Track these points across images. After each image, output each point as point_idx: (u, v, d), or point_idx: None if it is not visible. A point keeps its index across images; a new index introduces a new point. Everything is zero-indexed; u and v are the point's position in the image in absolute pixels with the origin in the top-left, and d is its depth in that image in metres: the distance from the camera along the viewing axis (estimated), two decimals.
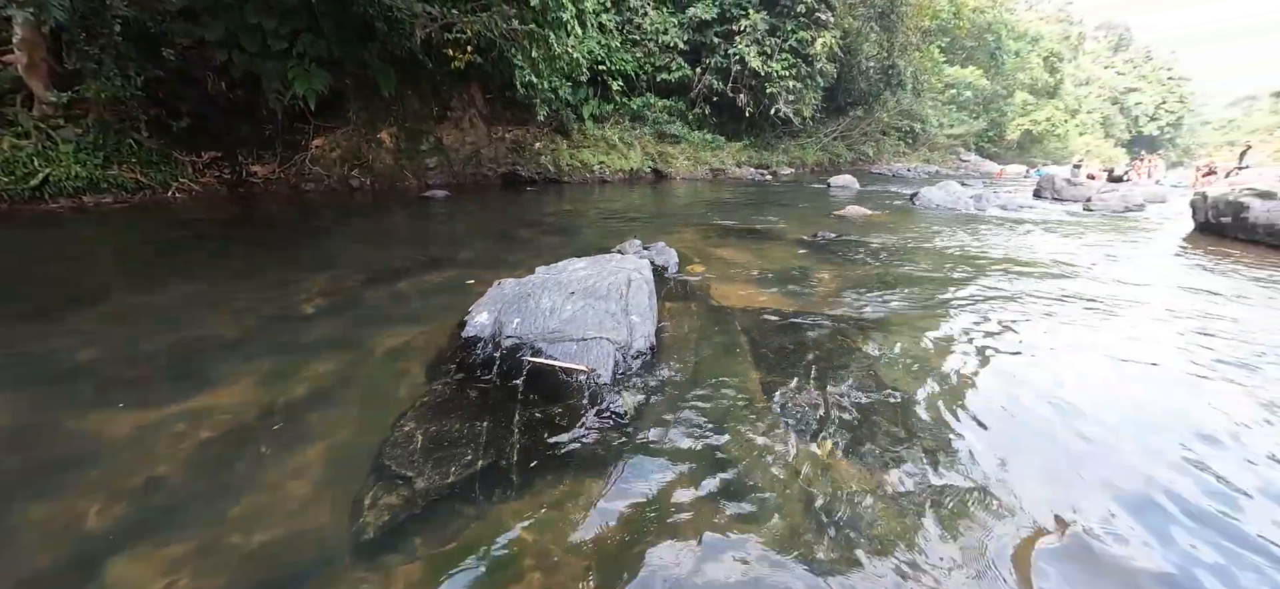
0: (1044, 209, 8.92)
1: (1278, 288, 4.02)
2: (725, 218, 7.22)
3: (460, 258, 4.53)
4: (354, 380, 2.19)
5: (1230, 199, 6.01)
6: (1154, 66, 67.18)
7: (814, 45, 15.57)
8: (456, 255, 4.64)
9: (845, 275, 4.08)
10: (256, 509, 1.43)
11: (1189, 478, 1.66)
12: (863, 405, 2.01)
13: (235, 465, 1.61)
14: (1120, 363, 2.51)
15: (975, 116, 31.27)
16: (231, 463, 1.63)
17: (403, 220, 6.76)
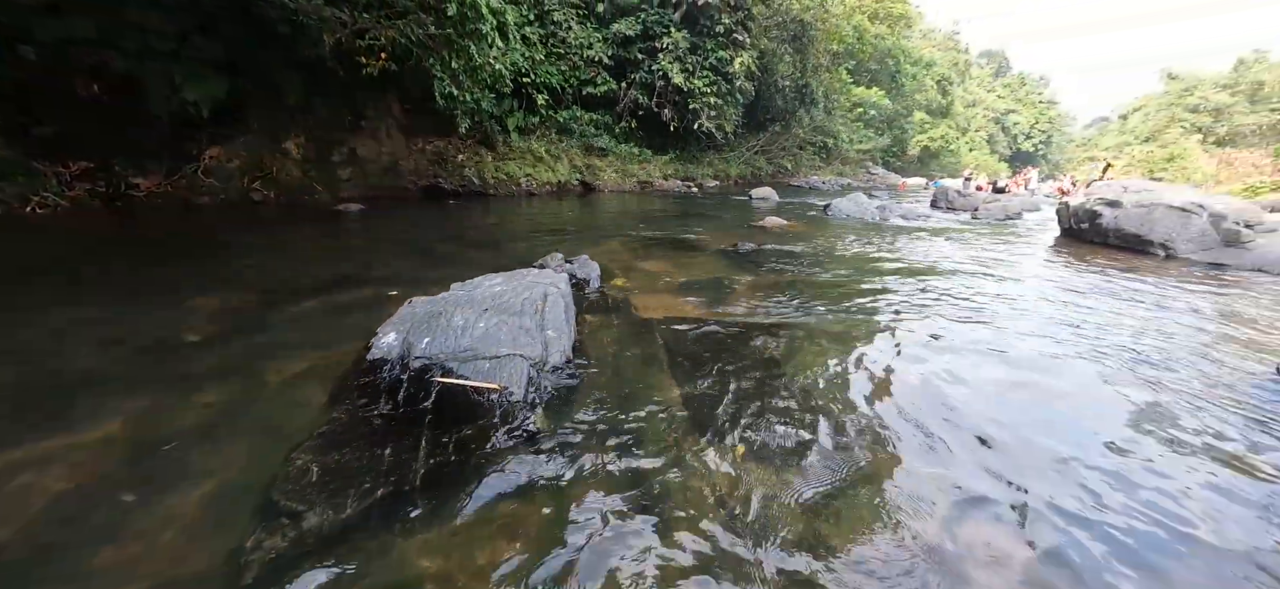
0: (939, 218, 9.80)
1: (1123, 283, 4.65)
2: (651, 230, 7.35)
3: (374, 275, 4.31)
4: (243, 413, 2.02)
5: (1087, 208, 6.88)
6: (1028, 91, 75.81)
7: (733, 64, 16.26)
8: (369, 273, 4.41)
9: (763, 283, 4.27)
10: (116, 566, 1.28)
11: (1071, 467, 1.87)
12: (774, 408, 2.11)
13: (92, 517, 1.44)
14: (1002, 354, 2.79)
15: (880, 133, 33.86)
16: (88, 515, 1.45)
17: (311, 236, 6.33)
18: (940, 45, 63.53)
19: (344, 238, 6.31)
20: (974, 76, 70.90)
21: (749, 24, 16.69)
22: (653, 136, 18.14)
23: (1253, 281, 4.94)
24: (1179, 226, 5.86)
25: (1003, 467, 1.77)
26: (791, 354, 2.72)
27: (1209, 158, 32.74)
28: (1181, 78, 53.92)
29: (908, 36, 43.11)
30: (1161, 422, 2.12)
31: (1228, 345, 3.07)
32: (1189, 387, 2.46)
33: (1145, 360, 2.77)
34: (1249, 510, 1.60)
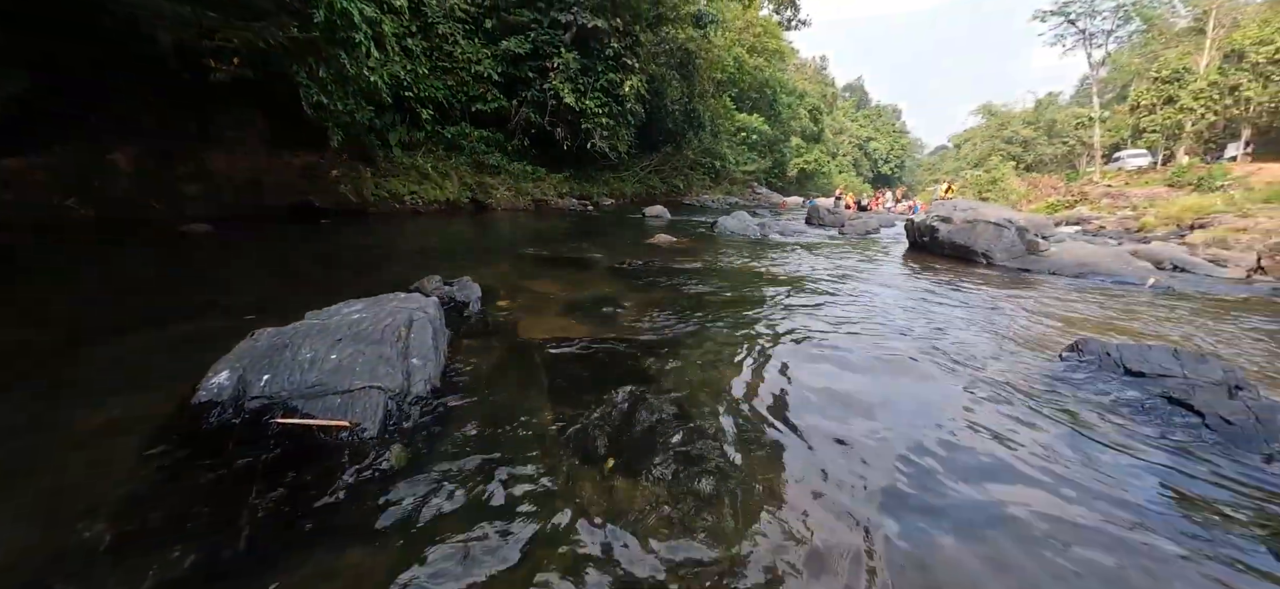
0: (812, 233, 10.73)
1: (955, 287, 5.37)
2: (543, 248, 7.26)
3: (218, 305, 3.79)
4: (28, 477, 1.67)
5: (928, 225, 7.89)
6: (884, 120, 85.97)
7: (623, 87, 16.71)
8: (213, 302, 3.88)
9: (650, 300, 4.37)
10: None
11: (913, 455, 2.08)
12: (652, 423, 2.14)
13: None
14: (859, 357, 3.08)
15: (763, 156, 36.55)
16: None
17: (143, 261, 5.46)
18: (811, 78, 70.21)
19: (186, 263, 5.52)
20: (840, 107, 79.06)
21: (637, 50, 17.27)
22: (547, 155, 18.04)
23: (1047, 282, 5.96)
24: (995, 239, 6.94)
25: (855, 462, 1.95)
26: (672, 368, 2.80)
27: (1021, 180, 39.01)
28: (997, 113, 64.23)
29: (783, 69, 47.19)
30: (979, 404, 2.45)
31: (1028, 334, 3.65)
32: (1000, 371, 2.88)
33: (969, 352, 3.21)
34: (1033, 468, 1.90)
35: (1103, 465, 1.95)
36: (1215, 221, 14.46)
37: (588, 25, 16.54)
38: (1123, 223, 18.16)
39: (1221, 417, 2.15)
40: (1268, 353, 3.50)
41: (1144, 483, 1.85)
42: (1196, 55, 35.27)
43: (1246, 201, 19.99)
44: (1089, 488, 1.80)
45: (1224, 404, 2.22)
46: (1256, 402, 2.23)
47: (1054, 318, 4.32)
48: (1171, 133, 35.91)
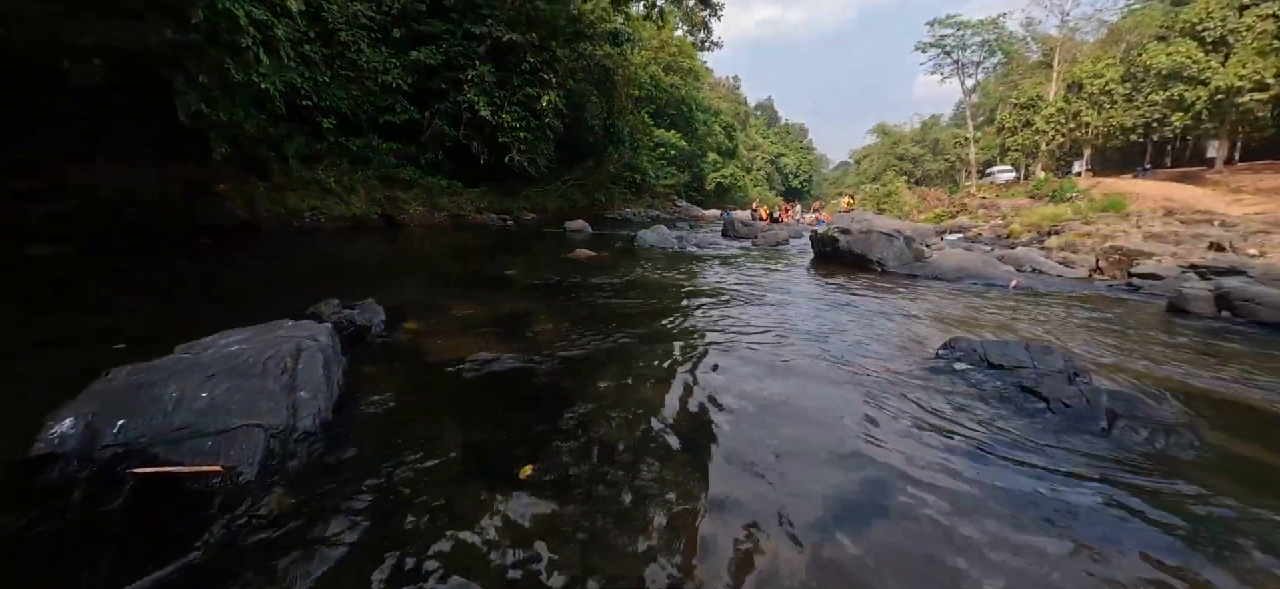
0: (727, 245, 11.19)
1: (853, 293, 5.80)
2: (459, 266, 7.02)
3: (69, 339, 3.31)
4: None
5: (830, 235, 8.48)
6: (793, 138, 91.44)
7: (541, 101, 16.60)
8: (62, 336, 3.38)
9: (568, 315, 4.35)
10: None
11: (839, 462, 2.20)
12: (565, 443, 2.13)
13: None
14: (768, 364, 3.24)
15: (682, 170, 37.66)
16: None
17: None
18: (725, 97, 73.42)
19: (32, 290, 4.77)
20: (752, 124, 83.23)
21: (554, 64, 17.26)
22: (464, 169, 17.49)
23: (930, 285, 6.61)
24: (887, 247, 7.59)
25: (763, 466, 2.04)
26: (589, 385, 2.80)
27: (912, 193, 42.84)
28: (890, 132, 70.41)
29: (698, 88, 49.02)
30: (871, 401, 2.66)
31: (912, 334, 4.02)
32: (888, 369, 3.14)
33: (863, 352, 3.48)
34: (916, 456, 2.10)
35: (966, 447, 2.18)
36: (1066, 228, 16.69)
37: (503, 39, 16.31)
38: (995, 230, 20.48)
39: (1062, 401, 2.48)
40: (1098, 343, 4.08)
41: (999, 458, 2.09)
42: (1047, 85, 40.68)
43: (1090, 210, 23.22)
44: (954, 466, 2.01)
45: (1064, 390, 2.57)
46: (1088, 387, 2.59)
47: (934, 318, 4.79)
48: (1030, 151, 41.11)
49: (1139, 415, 2.44)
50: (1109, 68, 35.11)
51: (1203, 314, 5.25)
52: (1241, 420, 2.66)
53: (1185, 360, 3.68)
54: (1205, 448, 2.26)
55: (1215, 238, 12.28)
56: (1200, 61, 29.28)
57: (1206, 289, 5.53)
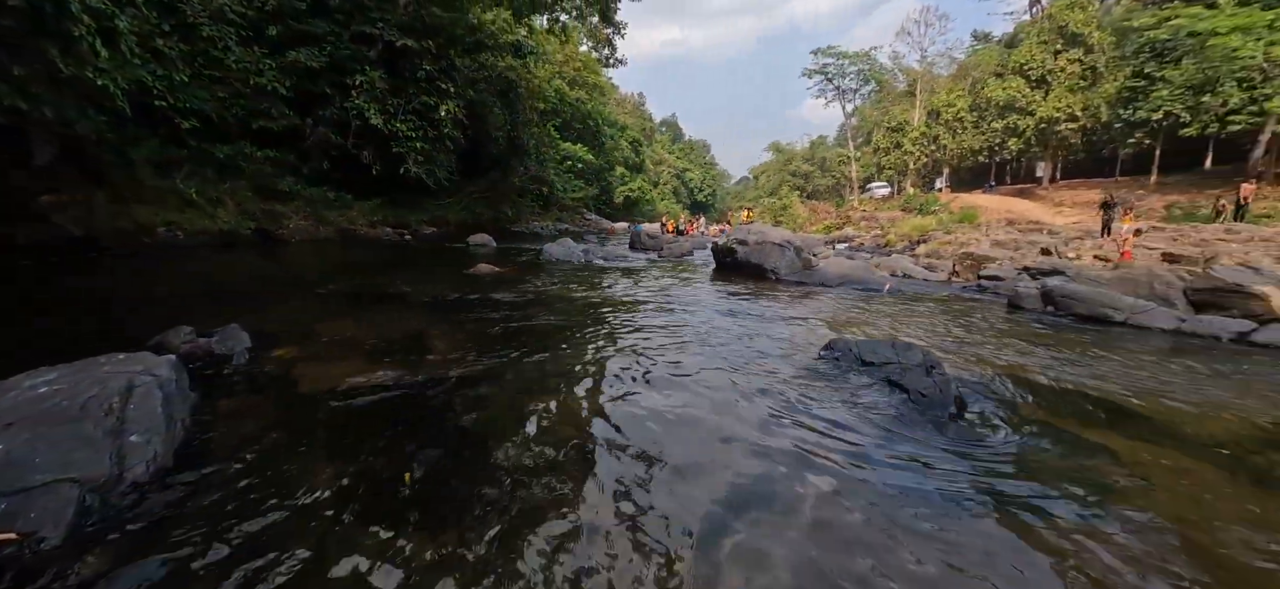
0: (633, 257, 11.36)
1: (751, 300, 6.11)
2: (345, 283, 6.49)
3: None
4: None
5: (729, 246, 8.89)
6: (696, 153, 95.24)
7: (439, 111, 15.92)
8: None
9: (465, 334, 4.17)
10: None
11: (732, 462, 2.26)
12: (455, 469, 2.02)
13: None
14: (667, 373, 3.30)
15: (590, 184, 37.80)
16: None
17: None
18: (631, 112, 74.94)
19: None
20: (658, 140, 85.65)
21: (453, 73, 16.65)
22: (355, 180, 16.28)
23: (817, 291, 7.14)
24: (780, 258, 8.11)
25: (658, 478, 2.07)
26: (484, 406, 2.69)
27: (804, 207, 46.13)
28: (784, 150, 75.62)
29: (604, 103, 49.61)
30: (761, 399, 2.80)
31: (799, 337, 4.31)
32: (777, 369, 3.33)
33: (756, 355, 3.66)
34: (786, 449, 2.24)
35: (843, 435, 2.36)
36: (932, 237, 18.83)
37: (396, 44, 15.47)
38: (875, 239, 22.61)
39: (920, 391, 2.77)
40: (953, 336, 4.63)
41: (868, 442, 2.28)
42: (912, 112, 45.84)
43: (950, 221, 26.36)
44: (832, 454, 2.17)
45: (923, 381, 2.87)
46: (941, 377, 2.92)
47: (819, 321, 5.17)
48: (901, 169, 46.02)
49: (979, 396, 2.79)
50: (959, 98, 40.35)
51: (1033, 309, 6.14)
52: (1052, 395, 3.12)
53: (1017, 348, 4.28)
54: (1026, 419, 2.63)
55: (1044, 244, 14.45)
56: (1028, 96, 34.50)
57: (1036, 288, 6.48)
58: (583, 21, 33.14)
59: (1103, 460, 2.26)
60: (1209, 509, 1.90)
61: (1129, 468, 2.20)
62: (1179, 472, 2.19)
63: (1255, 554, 1.64)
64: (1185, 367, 3.95)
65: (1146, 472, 2.17)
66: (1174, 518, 1.82)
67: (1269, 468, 2.27)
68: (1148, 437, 2.56)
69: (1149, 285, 6.10)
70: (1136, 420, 2.79)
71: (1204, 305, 5.79)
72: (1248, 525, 1.79)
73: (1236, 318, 5.33)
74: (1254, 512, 1.89)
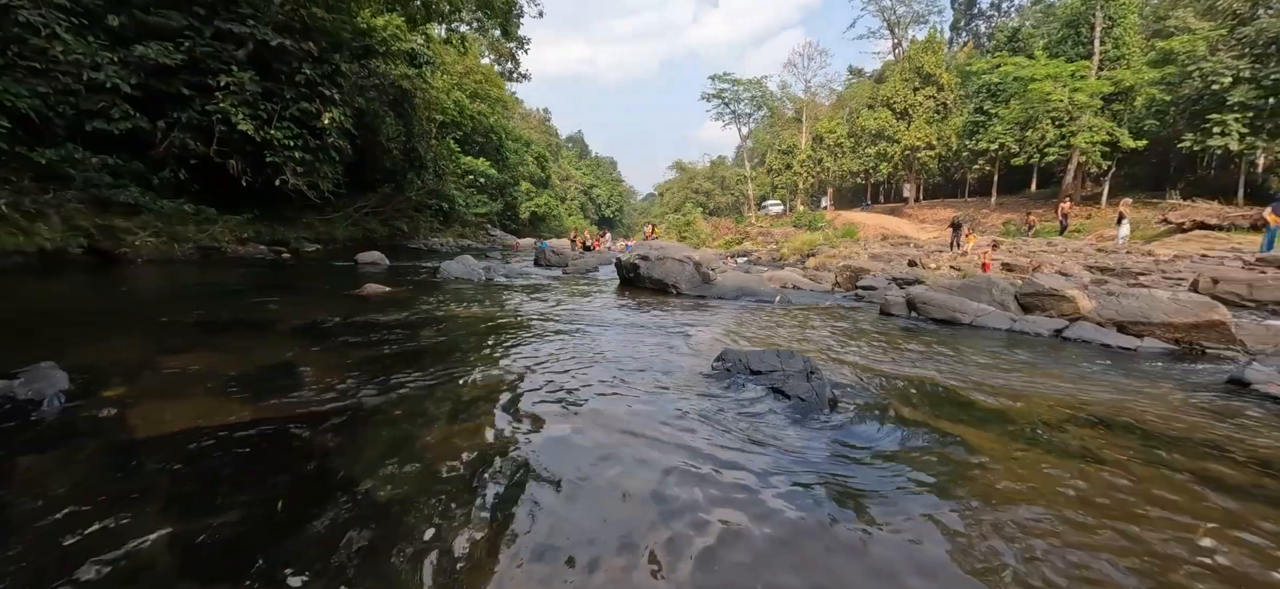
0: (537, 274, 11.18)
1: (652, 315, 6.24)
2: (203, 311, 5.74)
3: None
4: None
5: (632, 262, 9.03)
6: (603, 170, 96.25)
7: (322, 119, 14.73)
8: None
9: (345, 361, 3.84)
10: None
11: (633, 481, 2.23)
12: (322, 514, 1.84)
13: None
14: (571, 392, 3.25)
15: (494, 199, 36.80)
16: None
17: None
18: (536, 128, 74.25)
19: None
20: (564, 156, 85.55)
21: (339, 79, 15.50)
22: (221, 192, 14.53)
23: (715, 304, 7.47)
24: (680, 273, 8.39)
25: (557, 506, 2.02)
26: (361, 440, 2.49)
27: (707, 223, 48.13)
28: (687, 169, 78.65)
29: (508, 117, 48.72)
30: (658, 413, 2.85)
31: (696, 350, 4.47)
32: (673, 383, 3.42)
33: (654, 369, 3.74)
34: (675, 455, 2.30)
35: (730, 441, 2.47)
36: (819, 251, 20.45)
37: (271, 44, 14.11)
38: (771, 254, 24.09)
39: (800, 396, 2.98)
40: (832, 342, 5.04)
41: (753, 446, 2.41)
42: (800, 136, 49.76)
43: (834, 237, 28.77)
44: (722, 460, 2.26)
45: (803, 387, 3.09)
46: (819, 382, 3.16)
47: (715, 333, 5.40)
48: (791, 188, 49.62)
49: (851, 396, 3.05)
50: (839, 126, 44.48)
51: (899, 314, 6.85)
52: (911, 390, 3.50)
53: (884, 349, 4.75)
54: (889, 413, 2.92)
55: (911, 256, 16.23)
56: (894, 126, 38.78)
57: (902, 296, 7.25)
58: (484, 34, 32.37)
59: (950, 444, 2.56)
60: (1033, 479, 2.22)
61: (969, 448, 2.52)
62: (1008, 449, 2.54)
63: (1066, 517, 1.94)
64: (1015, 360, 4.60)
65: (981, 450, 2.49)
66: (1008, 492, 2.10)
67: (1068, 440, 2.70)
68: (984, 421, 2.95)
69: (989, 291, 7.06)
70: (975, 407, 3.21)
71: (1030, 307, 6.80)
72: (1059, 491, 2.11)
73: (1054, 317, 6.32)
74: (1063, 477, 2.23)
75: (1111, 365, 4.57)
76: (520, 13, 23.73)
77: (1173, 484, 2.24)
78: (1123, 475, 2.29)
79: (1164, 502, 2.07)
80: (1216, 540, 1.82)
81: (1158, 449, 2.63)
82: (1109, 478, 2.26)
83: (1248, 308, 8.71)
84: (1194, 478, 2.31)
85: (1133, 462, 2.46)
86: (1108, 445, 2.65)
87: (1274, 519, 1.98)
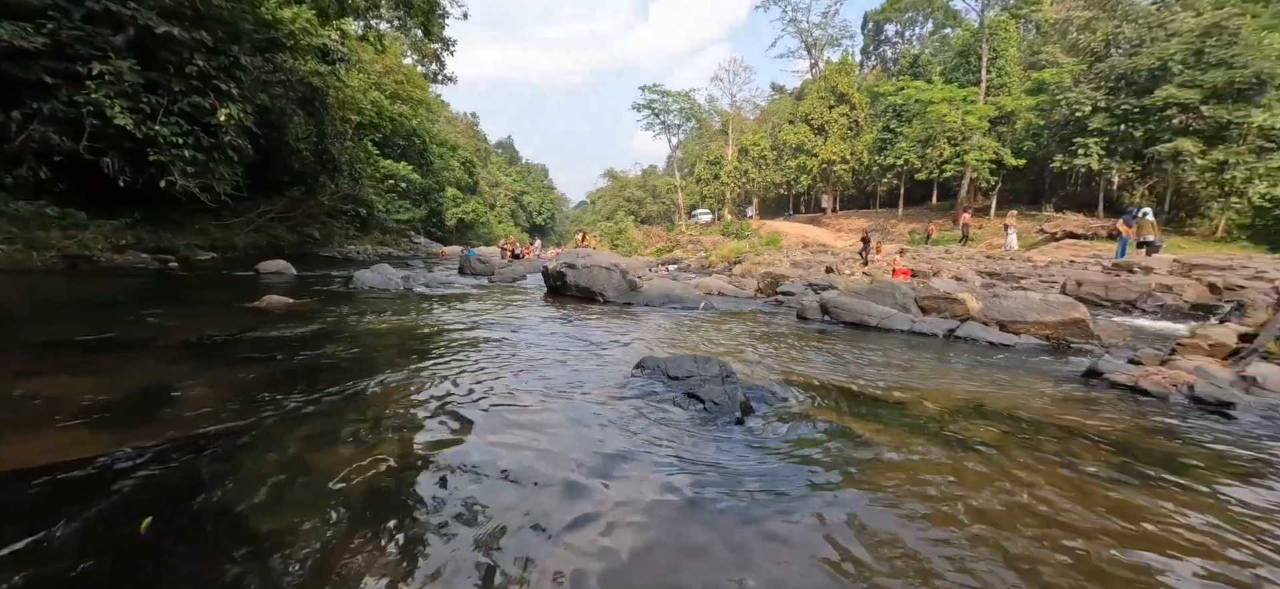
0: (462, 283, 10.80)
1: (579, 323, 6.20)
2: (69, 327, 5.06)
3: None
4: None
5: (559, 270, 8.95)
6: (534, 177, 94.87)
7: (217, 115, 13.49)
8: None
9: (234, 381, 3.51)
10: None
11: (549, 490, 2.17)
12: (202, 555, 1.66)
13: None
14: (489, 404, 3.14)
15: (417, 205, 35.20)
16: None
17: None
18: (464, 132, 72.00)
19: None
20: (493, 161, 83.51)
21: (237, 72, 14.27)
22: (94, 194, 12.92)
23: (641, 312, 7.55)
24: (607, 281, 8.42)
25: (471, 533, 1.94)
26: (250, 468, 2.28)
27: (639, 231, 48.56)
28: (619, 177, 79.15)
29: (433, 120, 46.92)
30: (576, 419, 2.83)
31: (619, 357, 4.48)
32: (593, 390, 3.41)
33: (575, 378, 3.70)
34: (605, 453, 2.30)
35: (640, 446, 2.50)
36: (745, 258, 21.21)
37: (156, 30, 12.76)
38: (700, 261, 24.68)
39: (713, 401, 3.07)
40: (751, 346, 5.24)
41: (665, 451, 2.45)
42: (726, 148, 51.49)
43: (760, 245, 29.93)
44: (628, 465, 2.28)
45: (717, 391, 3.18)
46: (732, 386, 3.27)
47: (640, 340, 5.46)
48: (719, 198, 51.20)
49: (762, 398, 3.18)
50: (762, 139, 46.50)
51: (815, 318, 7.24)
52: (820, 389, 3.71)
53: (798, 351, 5.00)
54: (798, 412, 3.07)
55: (829, 263, 17.19)
56: (812, 140, 41.02)
57: (816, 301, 7.67)
58: (406, 33, 31.03)
59: (851, 441, 2.73)
60: (922, 468, 2.40)
61: (866, 444, 2.69)
62: (902, 441, 2.74)
63: (943, 501, 2.11)
64: (912, 358, 4.99)
65: (877, 444, 2.67)
66: (899, 481, 2.27)
67: (953, 431, 2.95)
68: (881, 417, 3.17)
69: (892, 295, 7.61)
70: (875, 404, 3.44)
71: (928, 310, 7.40)
72: (939, 477, 2.30)
73: (948, 318, 6.92)
74: (945, 464, 2.44)
75: (994, 360, 5.06)
76: (444, 14, 22.94)
77: (1036, 464, 2.51)
78: (997, 460, 2.54)
79: (1028, 480, 2.32)
80: (1068, 506, 2.06)
81: (1026, 434, 2.94)
82: (982, 466, 2.50)
83: (1105, 307, 9.97)
84: (1054, 456, 2.60)
85: (1006, 445, 2.73)
86: (986, 433, 2.93)
87: (1113, 486, 2.27)
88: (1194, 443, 2.93)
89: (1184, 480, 2.42)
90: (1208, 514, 2.11)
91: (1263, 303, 7.44)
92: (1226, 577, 1.71)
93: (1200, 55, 24.40)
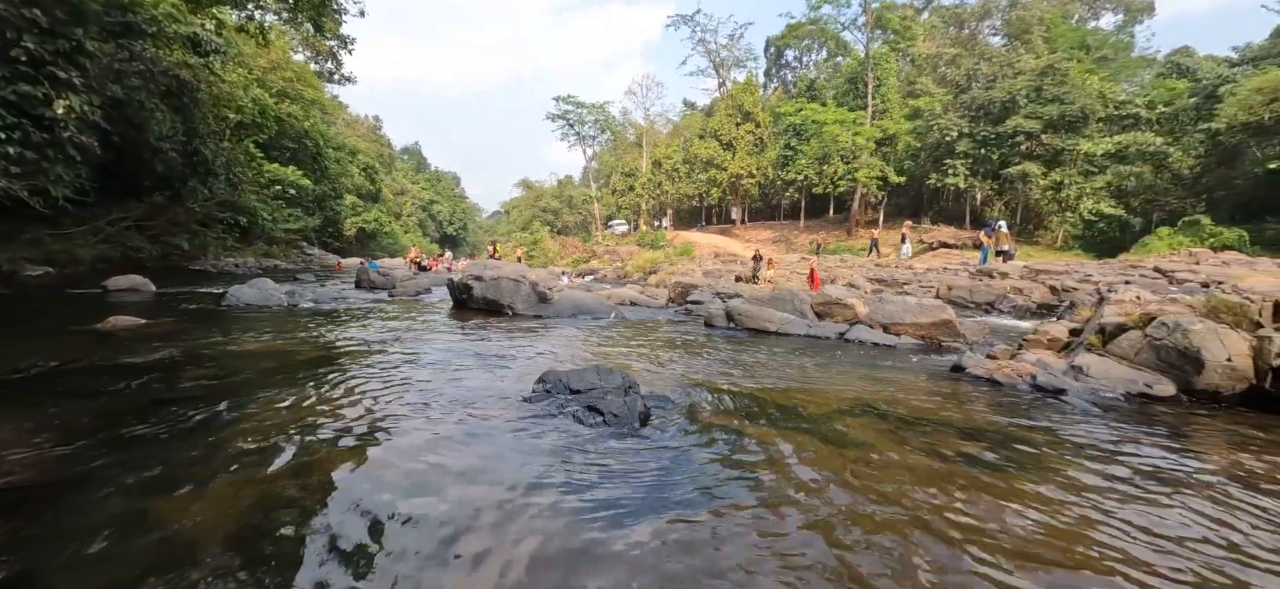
0: (357, 297, 10.04)
1: (483, 339, 5.96)
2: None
3: None
4: None
5: (464, 282, 8.58)
6: (445, 185, 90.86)
7: (54, 107, 11.61)
8: None
9: (53, 419, 2.99)
10: None
11: (448, 511, 1.99)
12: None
13: None
14: (377, 429, 2.90)
15: (310, 213, 32.37)
16: None
17: None
18: (366, 136, 67.53)
19: None
20: (399, 168, 79.01)
21: (81, 59, 12.38)
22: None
23: (551, 324, 7.43)
24: (515, 293, 8.20)
25: (339, 555, 1.75)
26: (64, 520, 1.93)
27: (555, 242, 47.97)
28: (534, 187, 77.90)
29: (329, 122, 43.58)
30: (474, 438, 2.68)
31: (523, 371, 4.35)
32: (494, 406, 3.27)
33: (475, 394, 3.53)
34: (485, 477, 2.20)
35: (536, 462, 2.43)
36: (660, 268, 21.60)
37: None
38: (617, 271, 24.80)
39: (614, 413, 3.06)
40: (658, 354, 5.31)
41: (562, 465, 2.40)
42: (641, 160, 52.39)
43: (674, 255, 30.63)
44: (522, 479, 2.20)
45: (618, 403, 3.17)
46: (634, 397, 3.28)
47: (548, 354, 5.35)
48: (635, 209, 51.94)
49: (663, 407, 3.22)
50: (675, 153, 47.84)
51: (721, 326, 7.49)
52: (720, 394, 3.82)
53: (703, 358, 5.14)
54: (697, 419, 3.14)
55: (738, 272, 17.94)
56: (721, 155, 42.83)
57: (722, 309, 7.95)
58: (295, 27, 28.58)
59: (743, 443, 2.82)
60: (814, 463, 2.53)
61: (760, 443, 2.80)
62: (793, 439, 2.88)
63: (854, 489, 2.24)
64: (806, 361, 5.30)
65: (769, 443, 2.79)
66: (791, 476, 2.37)
67: (837, 426, 3.16)
68: (774, 418, 3.31)
69: (791, 302, 8.07)
70: (769, 405, 3.60)
71: (823, 315, 7.93)
72: (831, 473, 2.44)
73: (840, 322, 7.44)
74: (830, 457, 2.59)
75: (877, 360, 5.50)
76: (339, 9, 21.36)
77: (909, 452, 2.73)
78: (875, 452, 2.74)
79: (903, 465, 2.52)
80: (933, 489, 2.26)
81: (900, 426, 3.21)
82: (861, 461, 2.69)
83: (970, 308, 11.22)
84: (923, 445, 2.85)
85: (881, 440, 2.96)
86: (866, 426, 3.16)
87: (973, 465, 2.52)
88: (1035, 424, 3.35)
89: (1029, 452, 2.77)
90: (1047, 482, 2.41)
91: (1088, 302, 8.76)
92: (1058, 527, 1.96)
93: (1040, 91, 28.60)
